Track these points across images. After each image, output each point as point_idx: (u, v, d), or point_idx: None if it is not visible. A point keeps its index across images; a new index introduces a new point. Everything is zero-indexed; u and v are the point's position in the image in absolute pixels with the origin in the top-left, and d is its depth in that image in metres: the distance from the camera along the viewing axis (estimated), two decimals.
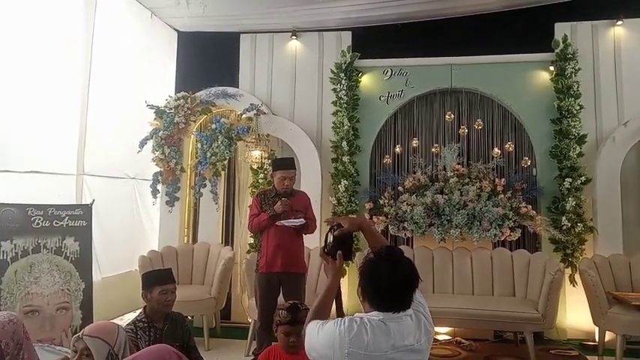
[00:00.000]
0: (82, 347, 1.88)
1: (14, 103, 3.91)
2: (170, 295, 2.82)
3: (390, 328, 1.63)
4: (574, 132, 4.83)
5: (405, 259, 1.73)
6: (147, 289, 2.82)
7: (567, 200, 4.71)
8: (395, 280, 1.64)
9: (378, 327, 1.63)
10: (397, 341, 1.62)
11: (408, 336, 1.65)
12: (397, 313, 1.65)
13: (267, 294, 3.83)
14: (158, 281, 2.82)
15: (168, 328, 2.80)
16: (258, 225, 3.87)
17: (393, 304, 1.65)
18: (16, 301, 3.53)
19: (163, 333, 2.74)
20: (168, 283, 2.84)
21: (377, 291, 1.67)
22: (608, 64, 5.05)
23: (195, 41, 5.95)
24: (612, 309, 4.09)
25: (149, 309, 2.80)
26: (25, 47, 4.00)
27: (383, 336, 1.62)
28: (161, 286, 2.79)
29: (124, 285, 5.07)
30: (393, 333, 1.62)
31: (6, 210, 3.62)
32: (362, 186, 5.23)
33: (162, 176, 5.32)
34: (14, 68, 3.91)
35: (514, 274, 4.64)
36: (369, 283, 1.69)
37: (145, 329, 2.71)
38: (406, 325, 1.66)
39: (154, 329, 2.74)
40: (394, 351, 1.62)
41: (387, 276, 1.64)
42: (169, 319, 2.84)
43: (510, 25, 5.11)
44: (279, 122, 5.35)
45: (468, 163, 5.10)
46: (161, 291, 2.78)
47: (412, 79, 5.29)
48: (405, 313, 1.68)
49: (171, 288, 2.83)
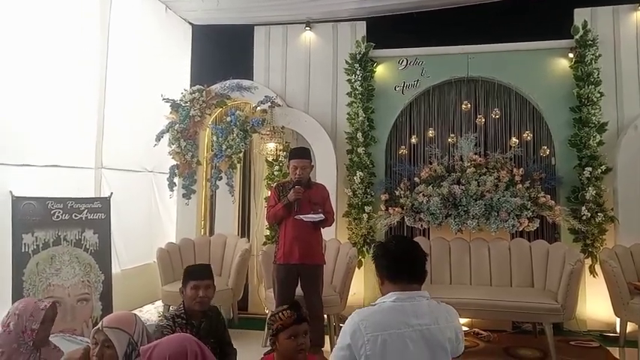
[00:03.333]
0: (102, 339, 1.91)
1: (33, 98, 3.97)
2: (203, 291, 2.70)
3: (403, 307, 1.78)
4: (594, 120, 4.73)
5: (407, 238, 2.06)
6: (183, 283, 2.76)
7: (587, 190, 4.63)
8: (401, 249, 1.91)
9: (390, 307, 1.79)
10: (411, 319, 1.75)
11: (423, 316, 1.77)
12: (411, 291, 1.82)
13: (286, 284, 3.85)
14: (191, 276, 2.74)
15: (205, 325, 2.74)
16: (275, 215, 3.89)
17: (404, 271, 1.85)
18: (38, 292, 3.61)
19: (200, 330, 2.67)
20: (201, 278, 2.72)
21: (388, 262, 1.89)
22: (629, 50, 4.93)
23: (210, 34, 5.97)
24: (634, 300, 4.02)
25: (186, 305, 2.73)
26: (43, 43, 4.05)
27: (396, 314, 1.76)
28: (194, 281, 2.70)
29: (143, 277, 5.15)
30: (407, 311, 1.77)
31: (26, 203, 3.69)
32: (377, 177, 5.20)
33: (179, 169, 5.36)
34: (32, 64, 3.96)
35: (532, 264, 4.58)
36: (382, 258, 1.92)
37: (182, 325, 2.64)
38: (420, 306, 1.80)
39: (190, 326, 2.67)
40: (409, 329, 1.73)
41: (393, 247, 1.93)
42: (207, 315, 2.78)
43: (528, 11, 5.01)
44: (293, 114, 5.34)
45: (485, 153, 5.03)
46: (193, 286, 2.69)
47: (428, 69, 5.23)
48: (420, 294, 1.83)
49: (204, 284, 2.71)
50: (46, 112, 4.09)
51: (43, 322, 2.38)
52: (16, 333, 2.36)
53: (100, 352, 1.89)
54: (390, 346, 1.70)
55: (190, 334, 2.49)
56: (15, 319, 2.38)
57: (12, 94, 3.80)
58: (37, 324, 2.35)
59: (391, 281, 1.86)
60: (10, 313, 2.42)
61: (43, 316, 2.38)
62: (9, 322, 2.38)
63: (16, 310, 2.41)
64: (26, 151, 3.89)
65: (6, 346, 2.34)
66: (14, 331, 2.36)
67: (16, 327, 2.36)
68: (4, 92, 3.74)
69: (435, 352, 1.76)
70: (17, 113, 3.82)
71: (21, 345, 2.35)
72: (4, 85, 3.73)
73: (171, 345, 1.65)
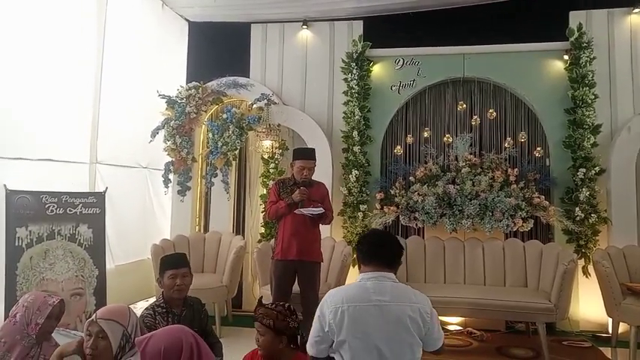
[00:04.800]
0: (96, 330, 1.91)
1: (28, 91, 3.94)
2: (181, 280, 2.74)
3: (366, 285, 2.07)
4: (588, 122, 4.77)
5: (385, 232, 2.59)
6: (160, 273, 2.80)
7: (581, 191, 4.66)
8: (375, 237, 2.23)
9: (355, 285, 2.11)
10: (371, 295, 2.02)
11: (384, 294, 2.03)
12: (377, 272, 2.09)
13: (283, 280, 3.85)
14: (167, 265, 2.78)
15: (186, 314, 2.77)
16: (276, 212, 3.89)
17: (375, 255, 2.13)
18: (32, 286, 3.58)
19: (181, 319, 2.70)
20: (178, 267, 2.77)
21: (364, 247, 2.18)
22: (623, 53, 4.97)
23: (206, 31, 5.96)
24: (626, 300, 4.05)
25: (165, 294, 2.76)
26: (39, 38, 4.03)
27: (358, 290, 2.07)
28: (170, 270, 2.74)
29: (137, 273, 5.13)
30: (368, 288, 2.05)
31: (20, 197, 3.67)
32: (373, 176, 5.21)
33: (174, 166, 5.34)
34: (27, 58, 3.94)
35: (526, 264, 4.60)
36: (360, 244, 2.21)
37: (163, 314, 2.69)
38: (383, 285, 2.06)
39: (171, 315, 2.71)
40: (368, 303, 2.01)
41: (370, 236, 2.27)
42: (187, 305, 2.80)
43: (524, 13, 5.05)
44: (289, 112, 5.34)
45: (480, 154, 5.06)
46: (170, 275, 2.73)
47: (424, 69, 5.25)
48: (385, 276, 2.09)
49: (181, 272, 2.76)
50: (41, 106, 4.06)
51: (49, 317, 2.37)
52: (21, 325, 2.35)
53: (94, 343, 1.89)
54: (350, 316, 1.99)
55: (172, 323, 2.52)
56: (22, 310, 2.37)
57: (7, 87, 3.78)
58: (42, 318, 2.35)
59: (365, 264, 2.15)
60: (18, 305, 2.41)
61: (49, 312, 2.37)
62: (16, 314, 2.37)
63: (25, 302, 2.40)
64: (20, 144, 3.86)
65: (8, 336, 2.33)
66: (19, 323, 2.35)
67: (22, 319, 2.36)
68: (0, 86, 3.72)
69: (395, 326, 1.99)
70: (12, 107, 3.80)
71: (24, 337, 2.34)
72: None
73: (167, 336, 1.64)
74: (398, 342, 1.99)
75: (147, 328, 2.41)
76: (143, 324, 2.39)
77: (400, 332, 1.98)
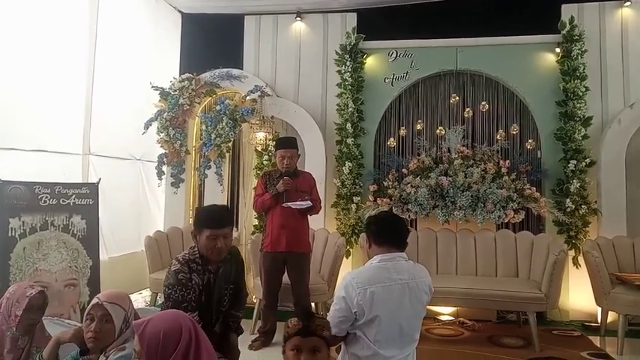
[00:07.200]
0: (101, 313, 1.89)
1: (21, 82, 3.92)
2: (221, 242, 2.35)
3: (386, 266, 2.21)
4: (579, 114, 4.81)
5: (394, 214, 2.62)
6: (197, 228, 2.41)
7: (572, 182, 4.71)
8: (387, 219, 2.40)
9: (376, 266, 2.23)
10: (393, 275, 2.19)
11: (402, 272, 2.21)
12: (392, 253, 2.24)
13: (272, 272, 3.87)
14: (207, 223, 2.38)
15: (224, 270, 2.46)
16: (262, 204, 3.91)
17: (387, 236, 2.27)
18: (25, 277, 3.57)
19: (218, 276, 2.43)
20: (220, 226, 2.37)
21: (376, 228, 2.31)
22: (614, 46, 5.02)
23: (200, 23, 5.94)
24: (615, 289, 4.11)
25: (200, 251, 2.40)
26: (31, 28, 4.01)
27: (380, 271, 2.20)
28: (211, 229, 2.34)
29: (130, 265, 5.13)
30: (389, 269, 2.20)
31: (14, 187, 3.66)
32: (366, 168, 5.23)
33: (168, 158, 5.33)
34: (20, 49, 3.92)
35: (517, 255, 4.65)
36: (372, 225, 2.35)
37: (199, 272, 2.37)
38: (400, 265, 2.24)
39: (208, 272, 2.41)
40: (392, 282, 2.17)
41: (382, 217, 2.43)
42: (225, 259, 2.47)
43: (516, 6, 5.08)
44: (283, 104, 5.34)
45: (473, 146, 5.09)
46: (209, 235, 2.34)
47: (417, 61, 5.27)
48: (400, 255, 2.25)
49: (223, 233, 2.36)
50: (34, 97, 4.05)
51: (28, 309, 2.26)
52: (3, 316, 2.31)
53: (98, 326, 1.87)
54: (378, 296, 2.12)
55: (207, 282, 2.40)
56: (4, 301, 2.32)
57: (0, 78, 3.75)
58: (20, 310, 2.25)
59: (377, 244, 2.28)
60: (4, 295, 2.38)
61: (27, 303, 2.26)
62: (1, 304, 2.34)
63: (8, 293, 2.35)
64: (13, 134, 3.84)
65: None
66: (3, 314, 2.31)
67: (5, 310, 2.30)
68: None
69: (415, 302, 2.19)
70: (4, 97, 3.78)
71: (9, 329, 2.32)
72: None
73: (166, 321, 1.64)
74: (415, 316, 2.23)
75: (181, 286, 2.30)
76: (177, 280, 2.28)
77: (417, 307, 2.22)
